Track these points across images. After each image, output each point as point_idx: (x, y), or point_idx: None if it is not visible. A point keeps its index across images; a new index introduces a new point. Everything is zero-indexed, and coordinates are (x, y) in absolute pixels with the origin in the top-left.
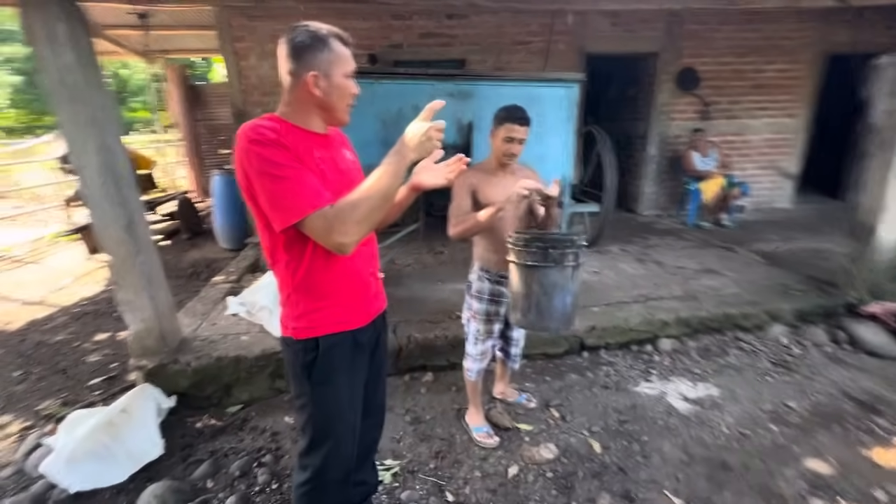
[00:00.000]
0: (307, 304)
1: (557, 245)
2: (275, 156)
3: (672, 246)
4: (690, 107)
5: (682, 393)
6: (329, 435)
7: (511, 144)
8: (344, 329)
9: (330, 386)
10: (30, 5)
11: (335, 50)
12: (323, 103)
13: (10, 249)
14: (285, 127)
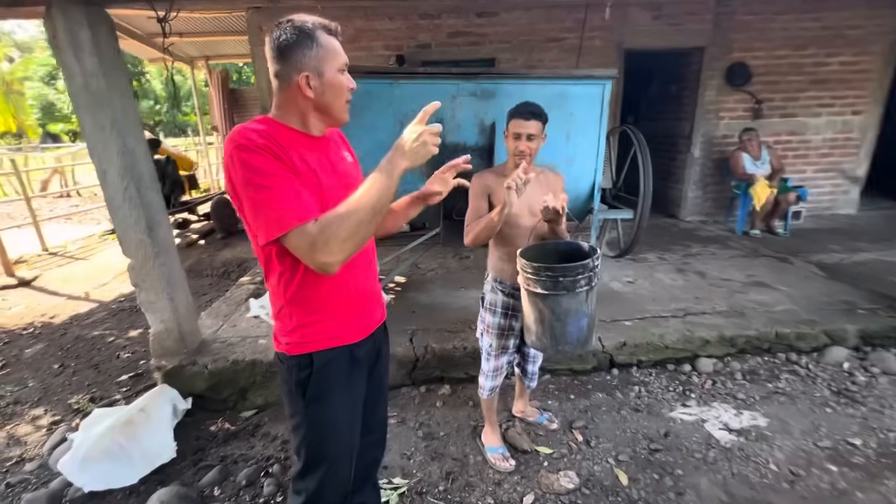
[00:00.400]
0: (301, 317)
1: (569, 273)
2: (260, 163)
3: (717, 255)
4: (740, 104)
5: (723, 421)
6: (325, 457)
7: (519, 142)
8: (340, 344)
9: (325, 405)
10: (53, 13)
11: (324, 44)
12: (318, 104)
13: (66, 246)
14: (278, 130)
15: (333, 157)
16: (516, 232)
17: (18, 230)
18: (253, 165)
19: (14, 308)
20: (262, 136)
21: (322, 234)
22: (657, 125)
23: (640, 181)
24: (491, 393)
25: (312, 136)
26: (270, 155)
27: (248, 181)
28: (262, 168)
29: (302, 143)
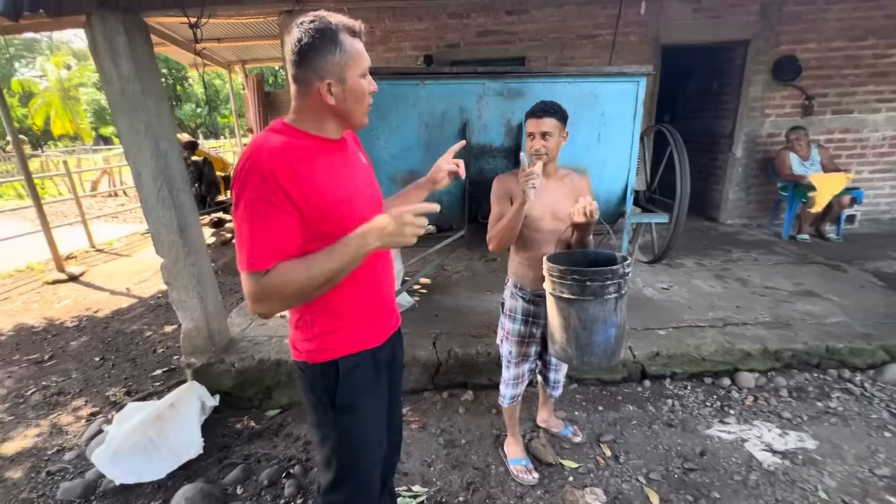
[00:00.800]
0: (323, 324)
1: (597, 277)
2: (254, 190)
3: (760, 261)
4: (788, 101)
5: (767, 442)
6: (356, 468)
7: (533, 140)
8: (363, 349)
9: (356, 413)
10: (93, 21)
11: (347, 49)
12: (338, 111)
13: (111, 243)
14: (298, 139)
15: (351, 160)
16: (538, 237)
17: (70, 228)
18: (247, 188)
19: (63, 302)
20: (277, 158)
21: (266, 288)
22: (695, 124)
23: (677, 183)
24: (512, 401)
25: (331, 139)
26: (271, 182)
27: (237, 202)
28: (252, 195)
29: (323, 148)
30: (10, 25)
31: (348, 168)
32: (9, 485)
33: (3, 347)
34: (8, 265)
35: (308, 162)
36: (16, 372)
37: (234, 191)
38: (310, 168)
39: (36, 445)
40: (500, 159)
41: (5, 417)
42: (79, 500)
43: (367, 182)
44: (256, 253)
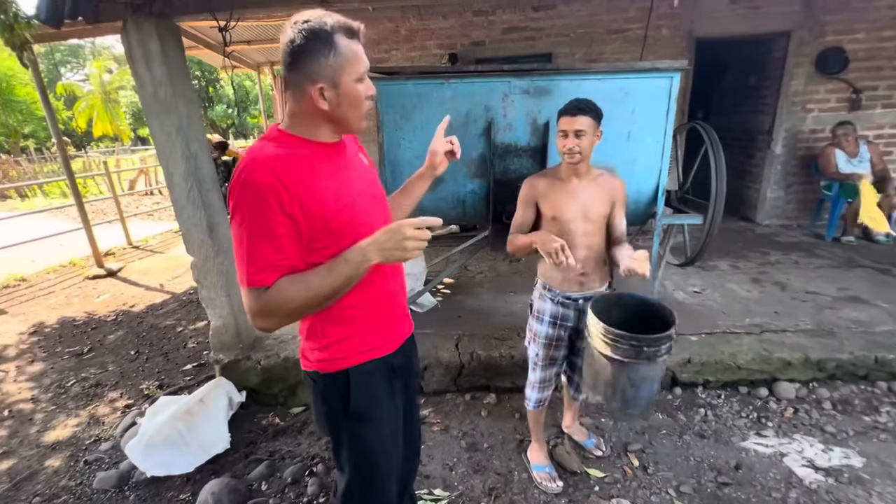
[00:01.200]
0: (335, 332)
1: (654, 343)
2: (251, 205)
3: (801, 264)
4: (833, 94)
5: (808, 457)
6: (373, 477)
7: (566, 139)
8: (377, 356)
9: (371, 421)
10: (128, 26)
11: (342, 51)
12: (332, 116)
13: (146, 240)
14: (294, 146)
15: (350, 163)
16: (569, 239)
17: (109, 225)
18: (244, 203)
19: (102, 296)
20: (273, 171)
21: (267, 304)
22: (731, 120)
23: (712, 182)
24: (537, 405)
25: (327, 143)
26: (268, 196)
27: (236, 219)
28: (249, 210)
29: (319, 154)
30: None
31: (347, 171)
32: (50, 472)
33: (48, 339)
34: (53, 260)
35: (305, 170)
36: (58, 363)
37: (230, 205)
38: (307, 177)
39: (75, 435)
40: (526, 159)
41: (48, 407)
42: (113, 489)
43: (369, 183)
44: (256, 269)
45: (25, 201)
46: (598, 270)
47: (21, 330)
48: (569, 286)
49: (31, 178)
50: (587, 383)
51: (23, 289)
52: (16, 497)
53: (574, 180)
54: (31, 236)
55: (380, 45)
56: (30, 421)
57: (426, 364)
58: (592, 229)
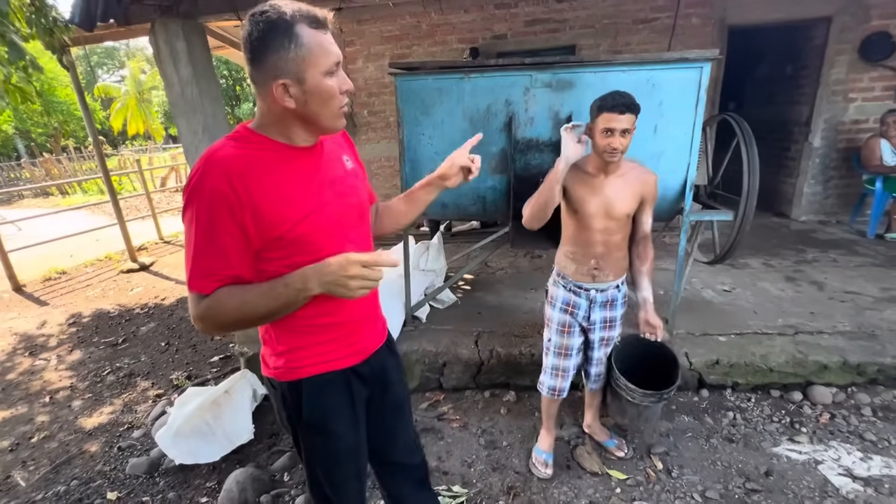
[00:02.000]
0: (290, 341)
1: (666, 393)
2: (199, 209)
3: (840, 263)
4: (879, 83)
5: (845, 465)
6: (329, 483)
7: (612, 138)
8: (332, 368)
9: (323, 433)
10: (156, 28)
11: (305, 43)
12: (301, 115)
13: (177, 235)
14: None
15: (326, 169)
16: (587, 234)
17: (142, 221)
18: (192, 210)
19: (135, 289)
20: (226, 176)
21: (206, 311)
22: (765, 111)
23: (744, 177)
24: (550, 392)
25: (300, 147)
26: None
27: (185, 222)
28: (197, 214)
29: (286, 160)
30: (89, 35)
31: (317, 177)
32: (86, 457)
33: (86, 330)
34: (90, 255)
35: (264, 175)
36: (95, 353)
37: (183, 203)
38: (265, 182)
39: (110, 422)
40: (548, 154)
41: (85, 394)
42: (144, 475)
43: (344, 191)
44: (198, 275)
45: (66, 198)
46: (615, 266)
47: (61, 321)
48: (581, 277)
49: (71, 176)
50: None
51: (63, 281)
52: (55, 479)
53: (601, 176)
54: (70, 231)
55: (401, 40)
56: (69, 407)
57: (445, 360)
58: (615, 227)
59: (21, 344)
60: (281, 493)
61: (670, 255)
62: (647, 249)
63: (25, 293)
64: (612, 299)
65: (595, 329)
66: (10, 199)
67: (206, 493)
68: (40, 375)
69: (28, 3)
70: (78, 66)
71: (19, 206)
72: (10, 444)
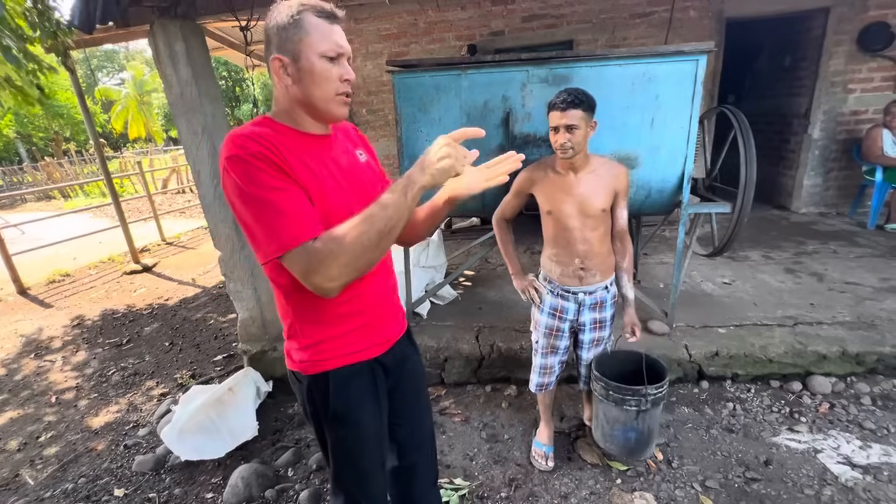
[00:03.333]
0: (315, 333)
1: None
2: (254, 174)
3: (840, 254)
4: (878, 73)
5: (844, 454)
6: (354, 475)
7: (557, 135)
8: (359, 360)
9: (350, 424)
10: (155, 29)
11: (305, 26)
12: (297, 96)
13: (179, 236)
14: (275, 131)
15: (340, 157)
16: (566, 234)
17: (144, 223)
18: (246, 176)
19: (139, 290)
20: (257, 141)
21: (318, 256)
22: (764, 104)
23: (742, 169)
24: (539, 389)
25: (312, 134)
26: (265, 163)
27: (241, 194)
28: (255, 179)
29: (300, 144)
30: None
31: (331, 162)
32: (93, 455)
33: (90, 331)
34: (93, 257)
35: (291, 149)
36: (100, 354)
37: (227, 185)
38: (292, 153)
39: (116, 421)
40: (545, 149)
41: (91, 394)
42: (151, 472)
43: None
44: (294, 226)
45: (68, 201)
46: (600, 265)
47: (65, 322)
48: (568, 280)
49: (73, 179)
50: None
51: (67, 284)
52: (63, 477)
53: (571, 174)
54: (73, 234)
55: (399, 38)
56: (75, 407)
57: (446, 356)
58: (592, 223)
59: (27, 346)
60: (285, 488)
61: (670, 249)
62: (625, 244)
63: (30, 296)
64: (601, 301)
65: (585, 330)
66: (14, 203)
67: (212, 489)
68: (46, 376)
69: (31, 7)
70: (78, 69)
71: (22, 210)
72: (19, 443)
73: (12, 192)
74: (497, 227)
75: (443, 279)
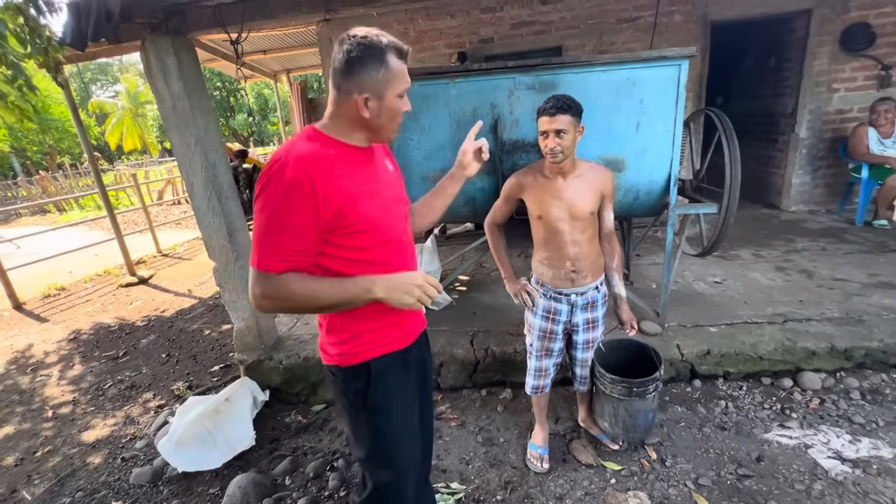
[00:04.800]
0: (353, 327)
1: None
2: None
3: (829, 251)
4: (860, 72)
5: (834, 448)
6: (393, 470)
7: (547, 140)
8: (393, 350)
9: (389, 414)
10: (147, 44)
11: (392, 68)
12: (370, 124)
13: (174, 248)
14: (325, 146)
15: (379, 167)
16: (556, 238)
17: (139, 235)
18: (268, 194)
19: (135, 303)
20: (303, 165)
21: (270, 291)
22: (752, 104)
23: (727, 171)
24: (535, 391)
25: (358, 147)
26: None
27: (260, 205)
28: (273, 201)
29: (347, 156)
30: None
31: (376, 175)
32: (90, 469)
33: (86, 345)
34: (89, 270)
35: (333, 164)
36: (96, 367)
37: (258, 187)
38: (335, 169)
39: (112, 434)
40: (534, 154)
41: (88, 408)
42: (148, 484)
43: (395, 187)
44: (269, 254)
45: (63, 215)
46: (591, 266)
47: (61, 336)
48: (560, 283)
49: (68, 193)
50: (597, 412)
51: (62, 297)
52: (60, 492)
53: (559, 179)
54: (68, 248)
55: None
56: (71, 421)
57: (442, 361)
58: (582, 226)
59: (23, 361)
60: (282, 497)
61: (662, 250)
62: (612, 245)
63: (25, 311)
64: (592, 301)
65: (579, 331)
66: (8, 218)
67: (209, 500)
68: (43, 391)
69: (22, 24)
70: (71, 83)
71: (17, 225)
72: (15, 459)
73: (7, 206)
74: (489, 233)
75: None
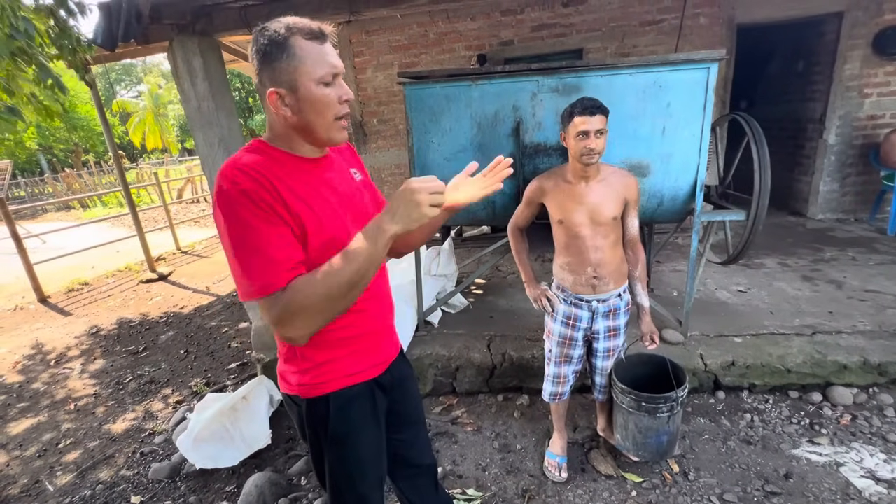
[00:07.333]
0: (315, 356)
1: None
2: (240, 212)
3: (859, 261)
4: (894, 77)
5: (868, 467)
6: (355, 492)
7: (588, 140)
8: (358, 381)
9: (349, 445)
10: (174, 45)
11: (297, 53)
12: (297, 125)
13: (193, 245)
14: (270, 158)
15: (335, 178)
16: (577, 243)
17: (160, 232)
18: (231, 215)
19: (155, 299)
20: (249, 174)
21: (288, 308)
22: (778, 109)
23: (755, 176)
24: (553, 398)
25: (308, 158)
26: (252, 200)
27: (225, 231)
28: (239, 218)
29: (295, 169)
30: (109, 54)
31: (325, 187)
32: (111, 462)
33: (108, 340)
34: (111, 266)
35: (283, 178)
36: (117, 361)
37: (216, 220)
38: (287, 185)
39: (133, 428)
40: (556, 157)
41: (109, 402)
42: (166, 480)
43: (357, 198)
44: (265, 273)
45: (87, 211)
46: (613, 272)
47: (83, 330)
48: (581, 289)
49: (92, 190)
50: (614, 422)
51: (85, 292)
52: (82, 484)
53: (582, 183)
54: (91, 243)
55: (409, 49)
56: (93, 414)
57: (458, 365)
58: (604, 231)
59: (46, 353)
60: (298, 497)
61: (683, 256)
62: (637, 253)
63: (50, 304)
64: (614, 308)
65: (600, 339)
66: (35, 213)
67: (226, 497)
68: (65, 384)
69: (52, 25)
70: (97, 82)
71: (43, 220)
72: (38, 450)
73: (34, 202)
74: (512, 237)
75: (454, 288)
